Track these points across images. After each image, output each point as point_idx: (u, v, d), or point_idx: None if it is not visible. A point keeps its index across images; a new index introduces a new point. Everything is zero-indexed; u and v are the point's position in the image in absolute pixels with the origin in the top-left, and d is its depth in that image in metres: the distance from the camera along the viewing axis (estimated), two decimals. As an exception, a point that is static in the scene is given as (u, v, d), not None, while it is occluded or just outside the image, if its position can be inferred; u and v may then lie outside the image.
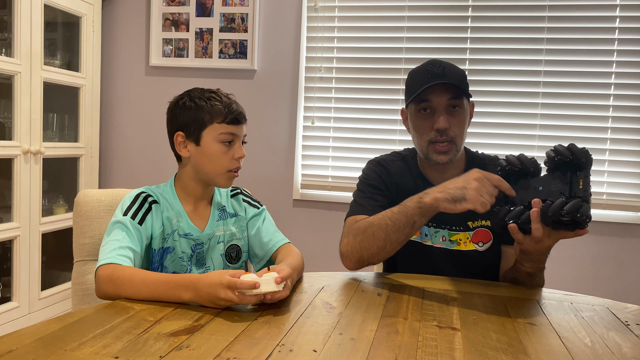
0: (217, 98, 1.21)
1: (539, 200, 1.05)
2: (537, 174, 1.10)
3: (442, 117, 1.29)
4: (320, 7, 2.59)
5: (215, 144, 1.20)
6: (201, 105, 1.20)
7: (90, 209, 1.30)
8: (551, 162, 1.06)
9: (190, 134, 1.21)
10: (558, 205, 1.00)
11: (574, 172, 1.03)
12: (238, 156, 1.22)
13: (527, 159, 1.11)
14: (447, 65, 1.31)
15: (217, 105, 1.20)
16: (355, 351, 0.80)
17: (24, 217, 2.29)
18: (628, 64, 2.32)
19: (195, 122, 1.20)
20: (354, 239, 1.26)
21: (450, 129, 1.30)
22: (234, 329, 0.86)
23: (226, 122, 1.20)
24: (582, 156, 1.03)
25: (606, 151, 2.35)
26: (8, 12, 2.26)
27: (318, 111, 2.64)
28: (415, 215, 1.17)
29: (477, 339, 0.87)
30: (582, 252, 2.37)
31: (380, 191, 1.38)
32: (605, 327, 0.97)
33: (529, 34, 2.40)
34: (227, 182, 1.24)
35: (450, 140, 1.31)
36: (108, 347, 0.77)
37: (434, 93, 1.30)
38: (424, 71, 1.31)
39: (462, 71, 1.35)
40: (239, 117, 1.22)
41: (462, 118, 1.33)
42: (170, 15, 2.75)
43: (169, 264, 1.22)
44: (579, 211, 0.98)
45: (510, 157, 1.13)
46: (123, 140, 2.87)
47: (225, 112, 1.20)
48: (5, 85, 2.29)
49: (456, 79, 1.29)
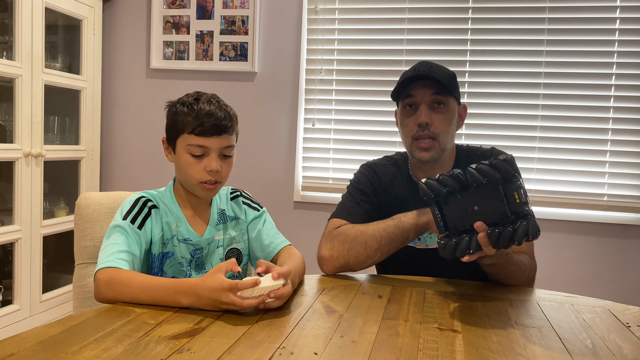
0: (192, 107, 1.15)
1: (481, 223, 0.99)
2: (466, 187, 1.02)
3: (423, 110, 1.30)
4: (321, 10, 2.59)
5: (185, 154, 1.17)
6: (180, 112, 1.17)
7: (91, 211, 1.30)
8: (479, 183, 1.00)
9: (170, 141, 1.21)
10: (508, 237, 0.96)
11: (505, 186, 0.98)
12: (209, 169, 1.16)
13: (447, 179, 1.03)
14: (434, 65, 1.32)
15: (189, 115, 1.15)
16: (356, 354, 0.80)
17: (25, 220, 2.29)
18: (629, 65, 2.32)
19: (172, 129, 1.19)
20: (340, 245, 1.28)
21: (433, 125, 1.30)
22: (234, 332, 0.86)
23: (195, 133, 1.14)
24: (510, 169, 0.97)
25: (607, 152, 2.35)
26: (9, 15, 2.27)
27: (318, 113, 2.64)
28: (410, 232, 1.22)
29: (478, 341, 0.87)
30: (583, 254, 2.37)
31: (367, 197, 1.40)
32: (606, 328, 0.97)
33: (529, 35, 2.40)
34: (201, 193, 1.20)
35: (432, 136, 1.30)
36: (109, 350, 0.77)
37: (417, 88, 1.31)
38: (412, 70, 1.33)
39: (451, 72, 1.35)
40: (211, 130, 1.14)
41: (446, 116, 1.32)
42: (170, 18, 2.75)
43: (168, 268, 1.22)
44: (528, 234, 0.95)
45: (430, 183, 1.05)
46: (124, 142, 2.88)
47: (195, 123, 1.14)
48: (6, 88, 2.29)
49: (441, 76, 1.29)
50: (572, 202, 2.37)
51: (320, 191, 2.64)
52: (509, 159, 0.98)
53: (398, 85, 1.34)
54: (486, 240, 0.99)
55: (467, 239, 1.01)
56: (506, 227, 0.97)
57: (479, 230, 0.99)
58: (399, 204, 1.37)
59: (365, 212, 1.37)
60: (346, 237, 1.28)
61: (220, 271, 0.94)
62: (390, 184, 1.42)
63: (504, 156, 0.99)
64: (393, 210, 1.38)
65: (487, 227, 0.99)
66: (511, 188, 0.98)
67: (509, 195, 0.98)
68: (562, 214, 2.37)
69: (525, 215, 0.97)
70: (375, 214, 1.38)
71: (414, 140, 1.32)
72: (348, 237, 1.27)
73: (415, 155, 1.33)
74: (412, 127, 1.32)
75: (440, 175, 1.04)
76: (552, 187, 2.40)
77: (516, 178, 0.97)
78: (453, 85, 1.33)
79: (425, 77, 1.29)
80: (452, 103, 1.34)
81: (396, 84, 1.37)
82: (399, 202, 1.38)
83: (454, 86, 1.34)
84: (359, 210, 1.37)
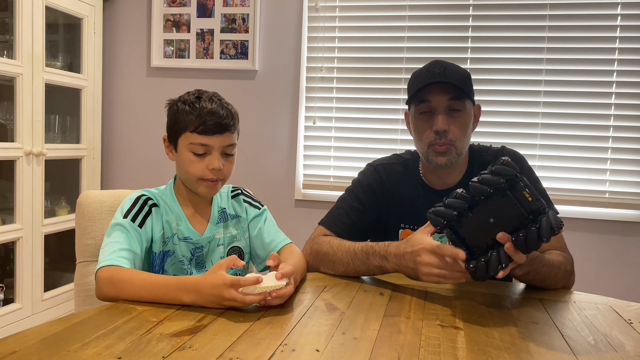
0: (194, 106, 1.15)
1: (503, 233, 0.94)
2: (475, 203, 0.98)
3: (440, 117, 1.26)
4: (321, 7, 2.59)
5: (187, 152, 1.17)
6: (182, 110, 1.17)
7: (92, 210, 1.30)
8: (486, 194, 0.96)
9: (171, 139, 1.21)
10: (534, 237, 0.92)
11: (513, 190, 0.95)
12: (212, 167, 1.16)
13: (454, 201, 0.99)
14: (449, 66, 1.27)
15: (191, 114, 1.15)
16: (358, 351, 0.80)
17: (27, 219, 2.29)
18: (630, 62, 2.31)
19: (174, 127, 1.19)
20: (315, 255, 1.29)
21: (450, 132, 1.26)
22: (236, 329, 0.86)
23: (197, 132, 1.15)
24: (511, 171, 0.94)
25: (608, 149, 2.35)
26: (9, 14, 2.27)
27: (319, 111, 2.64)
28: (374, 270, 1.20)
29: (480, 338, 0.87)
30: (585, 251, 2.37)
31: (361, 205, 1.38)
32: (609, 325, 0.97)
33: (530, 32, 2.39)
34: (203, 190, 1.19)
35: (449, 142, 1.27)
36: (111, 347, 0.77)
37: (433, 93, 1.26)
38: (425, 71, 1.28)
39: (466, 72, 1.30)
40: (214, 128, 1.15)
41: (463, 120, 1.28)
42: (171, 16, 2.75)
43: (169, 267, 1.22)
44: (552, 228, 0.91)
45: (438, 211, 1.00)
46: (125, 141, 2.88)
47: (198, 122, 1.14)
48: (7, 87, 2.29)
49: (457, 79, 1.25)
50: (573, 199, 2.37)
51: (321, 189, 2.64)
52: (507, 161, 0.96)
53: (413, 88, 1.29)
54: (514, 249, 0.94)
55: (495, 254, 0.95)
56: (529, 228, 0.92)
57: (503, 241, 0.94)
58: (406, 207, 1.36)
59: (351, 223, 1.36)
60: (320, 249, 1.28)
61: (221, 268, 0.94)
62: (395, 186, 1.39)
63: (502, 159, 0.96)
64: (400, 213, 1.37)
65: (510, 236, 0.94)
66: (519, 189, 0.94)
67: (520, 197, 0.94)
68: (564, 211, 2.36)
69: (542, 211, 0.93)
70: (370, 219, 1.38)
71: (430, 146, 1.29)
72: (321, 250, 1.28)
73: (432, 161, 1.29)
74: (428, 133, 1.28)
75: (446, 199, 1.01)
76: (554, 184, 2.39)
77: (519, 177, 0.95)
78: (469, 87, 1.29)
79: (442, 81, 1.24)
80: (468, 106, 1.29)
81: (409, 84, 1.32)
82: (407, 205, 1.36)
83: (469, 88, 1.29)
84: (344, 221, 1.36)
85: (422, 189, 1.37)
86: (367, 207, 1.38)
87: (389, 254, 1.14)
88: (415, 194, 1.37)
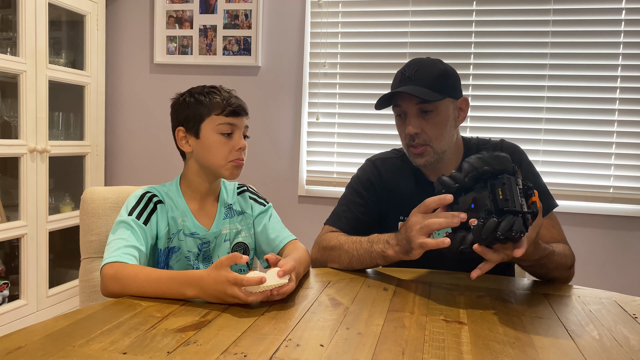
0: (216, 92, 1.23)
1: (475, 219, 0.97)
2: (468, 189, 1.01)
3: (411, 121, 1.29)
4: (324, 3, 2.58)
5: (215, 135, 1.20)
6: (200, 100, 1.21)
7: (96, 206, 1.30)
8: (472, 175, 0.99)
9: (190, 128, 1.22)
10: (491, 228, 0.93)
11: (492, 182, 0.97)
12: (239, 147, 1.21)
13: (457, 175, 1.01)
14: (421, 66, 1.28)
15: (215, 99, 1.21)
16: (362, 345, 0.80)
17: (31, 216, 2.30)
18: (635, 56, 2.30)
19: (195, 116, 1.21)
20: (321, 252, 1.32)
21: (423, 133, 1.28)
22: (241, 325, 0.86)
23: (224, 114, 1.20)
24: (497, 165, 0.97)
25: (612, 144, 2.34)
26: (13, 12, 2.27)
27: (322, 107, 2.63)
28: (378, 260, 1.21)
29: (484, 333, 0.87)
30: (589, 246, 2.36)
31: (361, 199, 1.40)
32: (613, 320, 0.97)
33: (534, 26, 2.38)
34: (231, 171, 1.23)
35: (424, 143, 1.29)
36: (116, 343, 0.77)
37: (403, 97, 1.29)
38: (399, 74, 1.32)
39: (440, 71, 1.29)
40: (238, 110, 1.22)
41: (437, 120, 1.29)
42: (174, 13, 2.75)
43: (174, 263, 1.22)
44: (511, 229, 0.92)
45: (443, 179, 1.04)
46: (128, 137, 2.88)
47: (224, 104, 1.21)
48: (10, 84, 2.30)
49: (428, 81, 1.26)
50: (578, 194, 2.36)
51: (324, 185, 2.64)
52: (502, 155, 0.98)
53: (383, 95, 1.31)
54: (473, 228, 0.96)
55: (464, 233, 0.98)
56: (490, 217, 0.94)
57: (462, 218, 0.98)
58: (405, 200, 1.36)
59: (355, 217, 1.38)
60: (327, 245, 1.31)
61: (223, 265, 0.94)
62: (394, 179, 1.41)
63: (499, 152, 0.99)
64: (398, 205, 1.38)
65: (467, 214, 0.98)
66: (497, 185, 0.96)
67: (494, 192, 0.96)
68: (568, 207, 2.36)
69: (513, 212, 0.93)
70: (372, 212, 1.39)
71: (409, 147, 1.33)
72: (328, 245, 1.30)
73: (412, 161, 1.35)
74: (405, 135, 1.32)
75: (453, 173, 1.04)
76: (558, 179, 2.39)
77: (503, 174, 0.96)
78: (442, 86, 1.28)
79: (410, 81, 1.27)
80: (442, 105, 1.29)
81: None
82: (405, 198, 1.37)
83: (443, 87, 1.28)
84: (348, 216, 1.39)
85: (419, 181, 1.39)
86: (368, 200, 1.40)
87: (390, 237, 1.17)
88: (413, 186, 1.39)
